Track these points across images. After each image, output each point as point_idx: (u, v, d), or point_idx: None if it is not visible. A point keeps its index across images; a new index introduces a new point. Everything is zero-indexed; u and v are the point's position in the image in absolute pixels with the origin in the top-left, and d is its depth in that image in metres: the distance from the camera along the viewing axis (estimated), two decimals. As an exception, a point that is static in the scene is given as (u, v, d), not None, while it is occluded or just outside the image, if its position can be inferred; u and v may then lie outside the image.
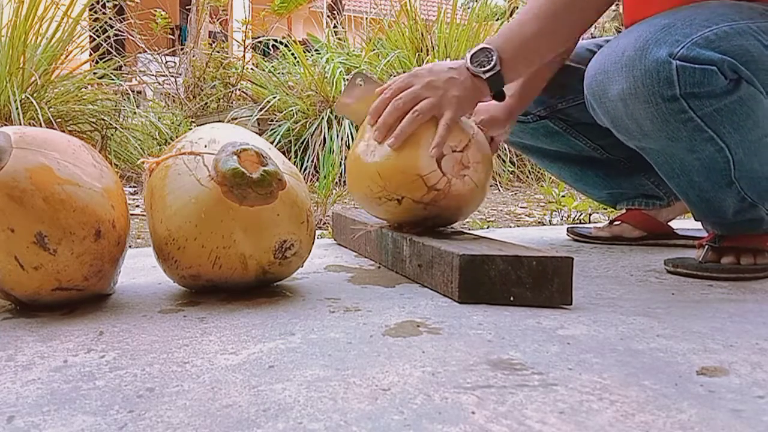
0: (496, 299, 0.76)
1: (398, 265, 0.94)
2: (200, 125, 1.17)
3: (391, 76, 2.80)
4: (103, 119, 2.34)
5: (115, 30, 2.76)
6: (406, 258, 0.91)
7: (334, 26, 3.62)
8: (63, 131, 1.37)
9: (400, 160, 0.87)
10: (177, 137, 1.19)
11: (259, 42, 4.07)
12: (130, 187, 2.20)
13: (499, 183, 2.64)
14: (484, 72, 0.88)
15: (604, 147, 1.24)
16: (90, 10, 2.77)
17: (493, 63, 0.88)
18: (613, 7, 1.61)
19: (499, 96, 0.93)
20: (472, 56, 0.89)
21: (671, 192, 1.24)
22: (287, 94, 2.86)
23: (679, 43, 0.80)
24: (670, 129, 0.85)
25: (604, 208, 1.84)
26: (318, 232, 1.40)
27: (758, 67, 0.82)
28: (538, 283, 0.75)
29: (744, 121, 0.84)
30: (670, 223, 1.30)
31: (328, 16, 4.07)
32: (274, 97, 2.82)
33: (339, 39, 3.46)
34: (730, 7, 0.86)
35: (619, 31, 1.00)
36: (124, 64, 3.07)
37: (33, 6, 2.18)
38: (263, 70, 3.19)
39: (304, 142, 2.64)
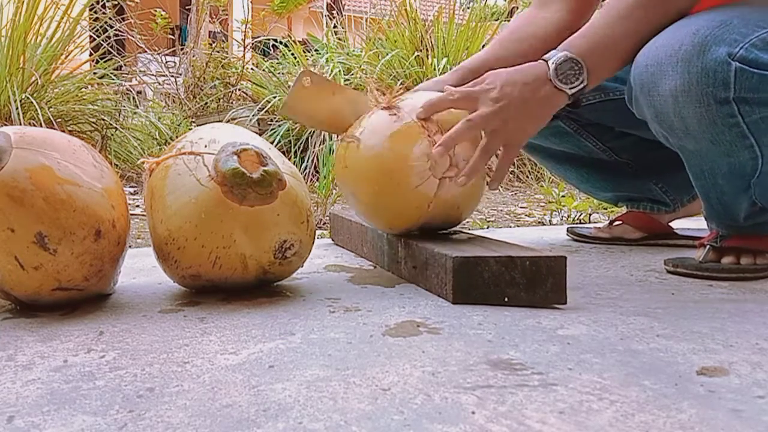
0: (491, 301, 0.75)
1: (394, 267, 0.94)
2: (200, 125, 1.17)
3: (390, 76, 2.80)
4: (104, 119, 2.34)
5: (115, 30, 2.75)
6: (402, 260, 0.90)
7: (334, 26, 3.61)
8: (63, 131, 1.37)
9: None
10: (177, 137, 1.19)
11: (259, 42, 4.07)
12: (130, 187, 2.20)
13: (499, 183, 2.64)
14: (571, 88, 0.83)
15: (613, 149, 1.22)
16: (90, 10, 2.76)
17: (582, 78, 0.83)
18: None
19: (576, 104, 0.88)
20: (557, 67, 0.83)
21: (678, 199, 1.24)
22: (287, 94, 2.86)
23: (737, 42, 0.77)
24: (715, 131, 0.82)
25: (605, 208, 1.84)
26: (318, 232, 1.40)
27: None
28: (533, 283, 0.75)
29: None
30: (670, 224, 1.30)
31: (328, 16, 4.06)
32: (274, 97, 2.82)
33: (339, 39, 3.46)
34: None
35: None
36: (124, 64, 3.06)
37: (33, 6, 2.18)
38: (263, 70, 3.19)
39: (304, 142, 2.64)
